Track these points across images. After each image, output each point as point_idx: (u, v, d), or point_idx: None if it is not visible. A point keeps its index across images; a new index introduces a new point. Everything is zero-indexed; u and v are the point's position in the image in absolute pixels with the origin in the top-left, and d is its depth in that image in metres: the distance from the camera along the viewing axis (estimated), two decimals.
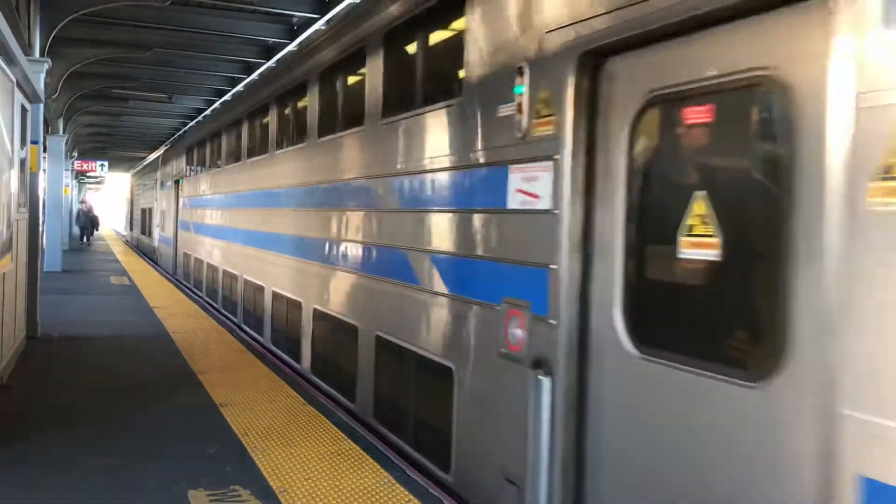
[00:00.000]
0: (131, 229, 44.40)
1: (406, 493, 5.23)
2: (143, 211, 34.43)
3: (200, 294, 16.78)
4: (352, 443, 6.27)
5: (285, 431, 6.54)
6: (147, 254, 30.50)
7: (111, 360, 9.45)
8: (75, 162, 39.61)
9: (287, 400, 7.63)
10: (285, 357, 9.91)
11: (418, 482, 5.46)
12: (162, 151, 27.98)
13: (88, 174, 49.67)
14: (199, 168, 18.22)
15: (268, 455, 5.90)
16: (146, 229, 32.66)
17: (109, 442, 6.17)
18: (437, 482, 5.55)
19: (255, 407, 7.31)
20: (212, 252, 15.79)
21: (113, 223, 68.95)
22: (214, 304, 15.01)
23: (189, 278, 19.05)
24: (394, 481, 5.42)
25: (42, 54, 14.25)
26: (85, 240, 38.32)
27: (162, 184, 25.35)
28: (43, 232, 16.01)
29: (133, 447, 6.05)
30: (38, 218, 11.04)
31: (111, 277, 20.43)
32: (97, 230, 43.76)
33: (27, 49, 13.45)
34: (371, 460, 5.85)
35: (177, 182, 21.36)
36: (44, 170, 16.84)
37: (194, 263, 18.18)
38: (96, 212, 43.70)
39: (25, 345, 9.97)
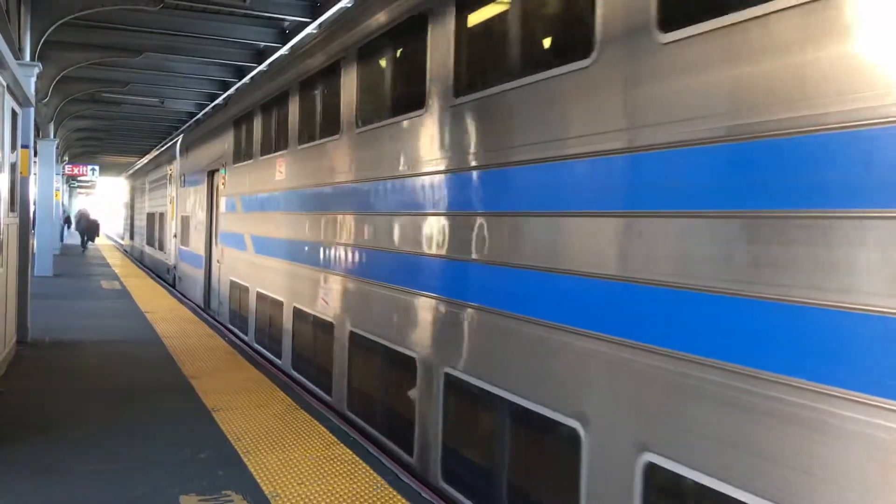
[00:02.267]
0: (132, 238, 37.94)
1: (399, 497, 5.22)
2: (150, 216, 27.48)
3: (275, 360, 10.08)
4: (344, 447, 6.26)
5: (277, 436, 6.52)
6: (157, 272, 23.86)
7: (102, 365, 9.41)
8: (66, 166, 39.47)
9: (279, 404, 7.61)
10: None
11: (411, 486, 5.45)
12: (181, 136, 20.83)
13: (79, 178, 49.51)
14: (267, 146, 10.87)
15: (260, 460, 5.88)
16: (155, 240, 25.91)
17: (100, 447, 6.14)
18: None
19: (246, 411, 7.29)
20: (301, 290, 9.09)
21: (105, 229, 68.57)
22: (315, 391, 8.51)
23: (245, 324, 11.87)
24: (386, 485, 5.41)
25: (32, 58, 14.20)
26: (85, 248, 36.00)
27: (183, 179, 18.64)
28: (34, 236, 15.94)
29: (124, 452, 6.02)
30: (28, 222, 10.99)
31: (102, 282, 20.34)
32: (98, 235, 40.92)
33: (17, 53, 13.40)
34: (363, 464, 5.84)
35: (211, 175, 14.82)
36: (34, 174, 16.81)
37: (259, 305, 11.10)
38: (94, 216, 40.34)
39: (16, 350, 9.92)
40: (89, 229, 37.39)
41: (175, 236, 19.86)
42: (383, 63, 7.56)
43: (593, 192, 4.06)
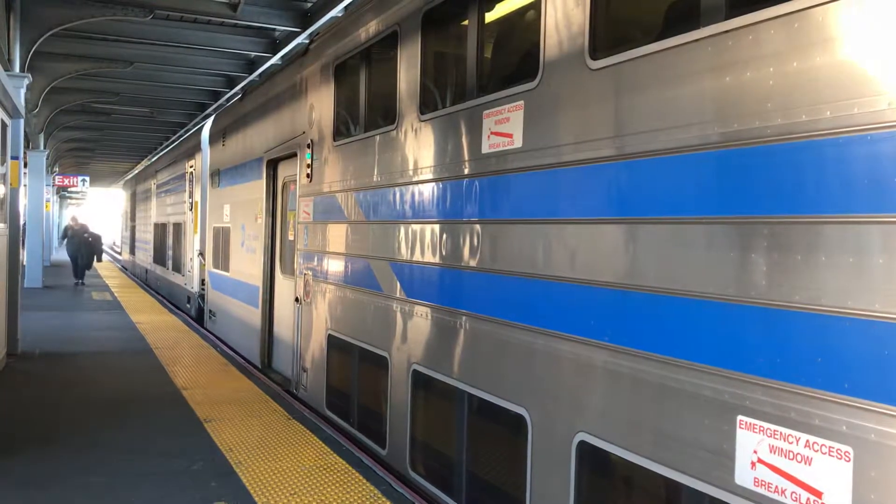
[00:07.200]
0: (132, 253, 31.02)
1: None
2: (160, 228, 22.07)
3: None
4: (337, 457, 6.24)
5: (270, 446, 6.50)
6: (171, 299, 19.21)
7: (93, 377, 9.35)
8: (56, 177, 39.30)
9: (271, 415, 7.58)
10: None
11: (405, 496, 5.44)
12: (210, 120, 15.97)
13: (69, 189, 49.35)
14: (450, 91, 5.86)
15: (252, 470, 5.85)
16: (166, 258, 20.49)
17: (92, 459, 6.10)
18: None
19: (239, 422, 7.26)
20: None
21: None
22: None
23: (377, 423, 6.63)
24: (380, 495, 5.39)
25: (22, 69, 14.18)
26: (79, 279, 23.23)
27: (217, 176, 13.36)
28: (23, 248, 15.87)
29: (116, 464, 5.98)
30: (18, 233, 10.94)
31: (93, 293, 20.24)
32: (100, 260, 28.10)
33: (7, 64, 13.39)
34: (356, 474, 5.82)
35: (273, 165, 9.99)
36: (24, 185, 16.75)
37: (423, 397, 5.95)
38: (92, 229, 26.19)
39: (6, 362, 9.86)
40: (87, 249, 24.04)
41: (201, 255, 15.20)
42: None
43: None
